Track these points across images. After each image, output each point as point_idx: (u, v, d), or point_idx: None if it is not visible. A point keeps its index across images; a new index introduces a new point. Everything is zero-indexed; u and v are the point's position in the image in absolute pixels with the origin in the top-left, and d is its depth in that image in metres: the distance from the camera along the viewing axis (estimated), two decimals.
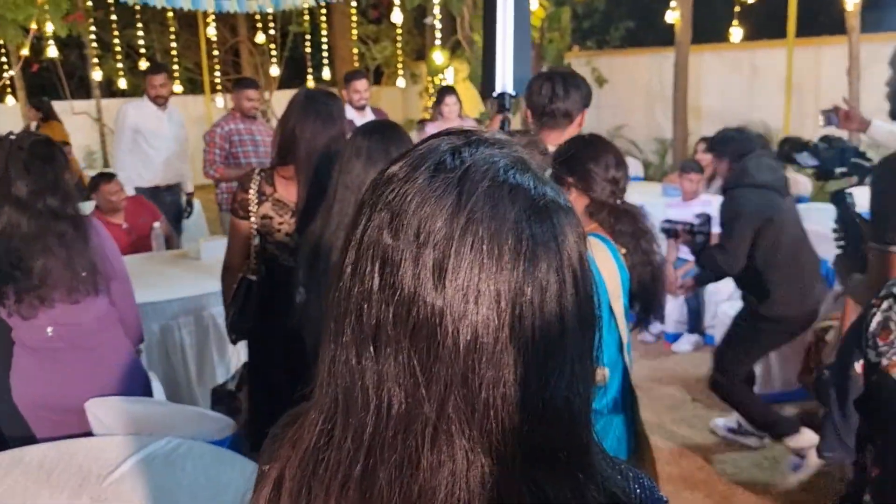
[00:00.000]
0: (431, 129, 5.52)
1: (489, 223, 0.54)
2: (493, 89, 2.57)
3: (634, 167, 7.40)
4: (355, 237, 0.59)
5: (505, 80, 2.55)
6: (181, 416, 1.89)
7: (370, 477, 0.57)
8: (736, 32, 6.60)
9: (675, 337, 4.88)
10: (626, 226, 1.85)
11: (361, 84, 5.07)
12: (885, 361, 1.17)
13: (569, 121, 2.35)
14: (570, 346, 0.57)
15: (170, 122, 5.08)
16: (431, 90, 11.10)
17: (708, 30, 8.36)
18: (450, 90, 5.68)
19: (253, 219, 2.44)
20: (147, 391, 2.21)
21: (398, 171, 0.59)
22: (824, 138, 2.79)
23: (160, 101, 5.01)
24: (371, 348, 0.56)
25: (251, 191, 2.42)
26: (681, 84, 7.72)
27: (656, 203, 5.54)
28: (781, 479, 3.17)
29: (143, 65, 9.40)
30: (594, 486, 0.59)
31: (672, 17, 7.46)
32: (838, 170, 2.75)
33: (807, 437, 3.04)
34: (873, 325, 1.20)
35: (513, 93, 2.57)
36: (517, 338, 0.54)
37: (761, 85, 8.11)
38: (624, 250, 1.84)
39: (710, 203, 4.95)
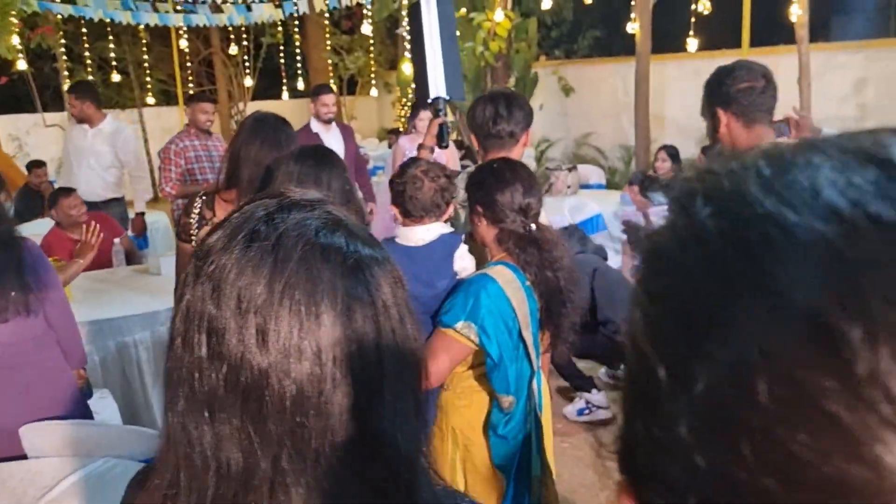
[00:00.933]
0: (405, 141, 5.56)
1: (305, 286, 0.59)
2: (427, 96, 2.68)
3: (598, 176, 7.54)
4: (182, 308, 0.62)
5: (437, 86, 2.65)
6: (118, 436, 1.94)
7: None
8: (692, 43, 6.76)
9: None
10: (531, 255, 1.86)
11: (329, 98, 5.12)
12: None
13: (514, 141, 2.36)
14: (391, 387, 0.62)
15: (94, 140, 5.05)
16: (405, 100, 11.20)
17: (669, 39, 8.52)
18: (424, 105, 5.75)
19: (194, 242, 2.54)
20: (86, 413, 2.26)
21: (216, 242, 0.63)
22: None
23: (84, 120, 5.01)
24: (206, 414, 0.59)
25: (193, 215, 2.47)
26: (642, 93, 7.86)
27: (618, 211, 5.67)
28: None
29: (116, 77, 9.43)
30: None
31: (632, 27, 7.62)
32: None
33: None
34: None
35: (446, 97, 2.68)
36: (339, 387, 0.59)
37: None
38: (531, 278, 1.87)
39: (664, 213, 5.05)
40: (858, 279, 0.23)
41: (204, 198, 2.49)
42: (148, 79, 10.69)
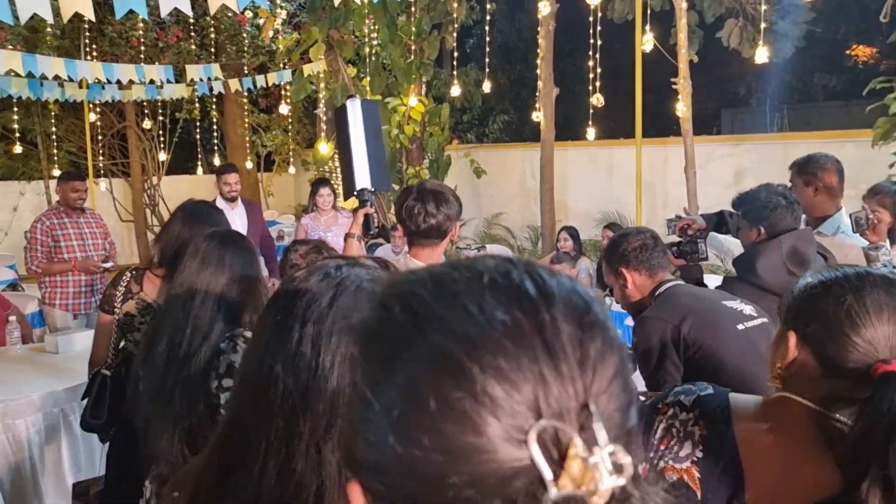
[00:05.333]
0: (306, 219, 5.68)
1: (351, 310, 0.86)
2: (354, 189, 2.80)
3: (506, 254, 7.83)
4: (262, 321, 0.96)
5: (363, 178, 2.79)
6: None
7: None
8: (591, 132, 7.26)
9: None
10: None
11: (232, 177, 5.24)
12: (661, 464, 1.23)
13: (440, 238, 2.32)
14: None
15: None
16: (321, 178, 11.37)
17: (571, 128, 9.11)
18: (324, 182, 5.86)
19: (116, 313, 2.59)
20: None
21: (300, 274, 0.95)
22: None
23: None
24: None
25: (119, 288, 2.59)
26: (547, 177, 8.31)
27: None
28: None
29: (18, 149, 9.20)
30: None
31: (537, 116, 8.11)
32: None
33: None
34: (658, 431, 1.24)
35: (372, 189, 2.81)
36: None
37: (616, 179, 8.87)
38: None
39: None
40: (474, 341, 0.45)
41: (133, 272, 2.61)
42: (56, 151, 10.46)
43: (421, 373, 0.46)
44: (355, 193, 2.79)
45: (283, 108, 9.31)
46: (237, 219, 5.06)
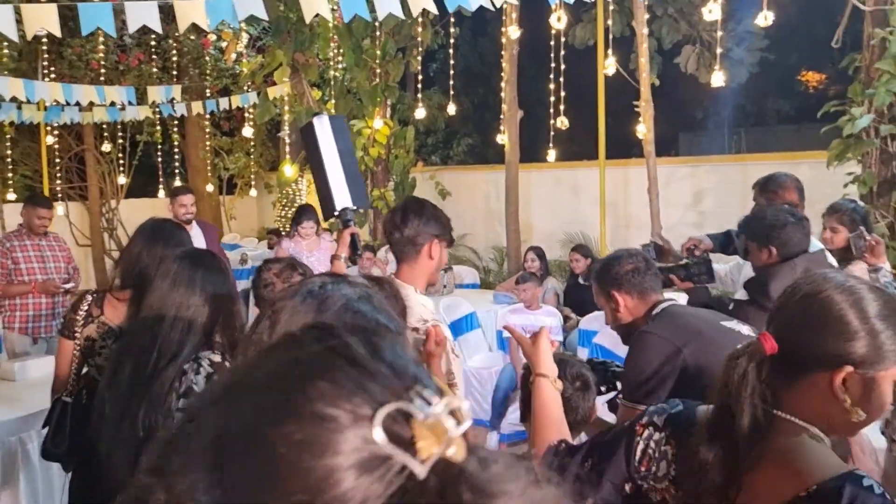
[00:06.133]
0: (287, 243, 5.53)
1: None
2: (334, 209, 2.61)
3: (472, 276, 7.86)
4: (248, 334, 0.96)
5: (342, 198, 2.60)
6: None
7: None
8: (551, 154, 7.38)
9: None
10: None
11: (187, 198, 5.15)
12: (644, 485, 1.22)
13: (415, 251, 2.20)
14: None
15: None
16: (285, 200, 11.28)
17: (534, 150, 9.23)
18: (308, 211, 5.65)
19: (77, 338, 2.51)
20: None
21: (284, 294, 0.96)
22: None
23: None
24: None
25: (80, 312, 2.52)
26: (512, 199, 8.39)
27: (490, 309, 5.92)
28: None
29: None
30: None
31: (501, 139, 8.21)
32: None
33: None
34: (637, 453, 1.24)
35: (353, 207, 2.62)
36: None
37: (581, 200, 9.00)
38: None
39: (555, 314, 5.29)
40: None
41: (94, 295, 2.54)
42: (10, 174, 10.21)
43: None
44: (336, 214, 2.63)
45: (247, 131, 9.25)
46: (194, 242, 4.99)
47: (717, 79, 5.69)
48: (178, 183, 10.95)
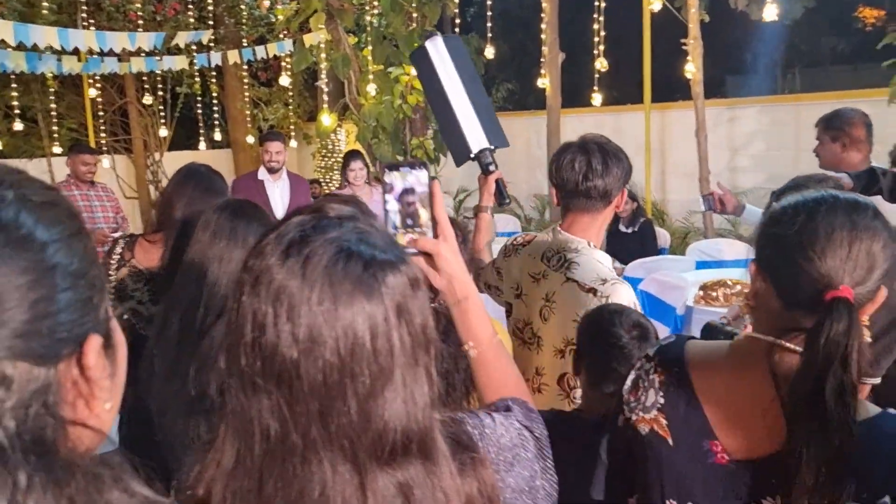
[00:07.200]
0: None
1: (328, 290, 0.73)
2: (469, 152, 2.12)
3: (513, 224, 7.78)
4: (234, 302, 0.77)
5: (476, 138, 2.11)
6: None
7: (264, 489, 0.73)
8: (597, 98, 7.15)
9: None
10: None
11: (273, 146, 4.87)
12: (633, 416, 1.22)
13: (606, 202, 1.99)
14: (403, 373, 0.74)
15: None
16: (325, 151, 11.26)
17: (577, 94, 8.98)
18: (356, 155, 5.43)
19: (111, 282, 2.53)
20: None
21: (262, 249, 0.78)
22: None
23: None
24: (252, 390, 0.74)
25: (114, 256, 2.53)
26: (553, 145, 8.19)
27: None
28: None
29: (18, 126, 9.13)
30: (445, 463, 0.78)
31: (542, 83, 7.99)
32: None
33: None
34: (628, 383, 1.24)
35: (491, 146, 2.12)
36: (355, 375, 0.72)
37: (624, 146, 8.74)
38: None
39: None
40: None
41: (126, 240, 2.56)
42: (56, 128, 10.36)
43: None
44: (472, 157, 2.13)
45: (284, 80, 9.17)
46: (277, 191, 4.89)
47: (771, 12, 5.40)
48: (218, 135, 11.00)
